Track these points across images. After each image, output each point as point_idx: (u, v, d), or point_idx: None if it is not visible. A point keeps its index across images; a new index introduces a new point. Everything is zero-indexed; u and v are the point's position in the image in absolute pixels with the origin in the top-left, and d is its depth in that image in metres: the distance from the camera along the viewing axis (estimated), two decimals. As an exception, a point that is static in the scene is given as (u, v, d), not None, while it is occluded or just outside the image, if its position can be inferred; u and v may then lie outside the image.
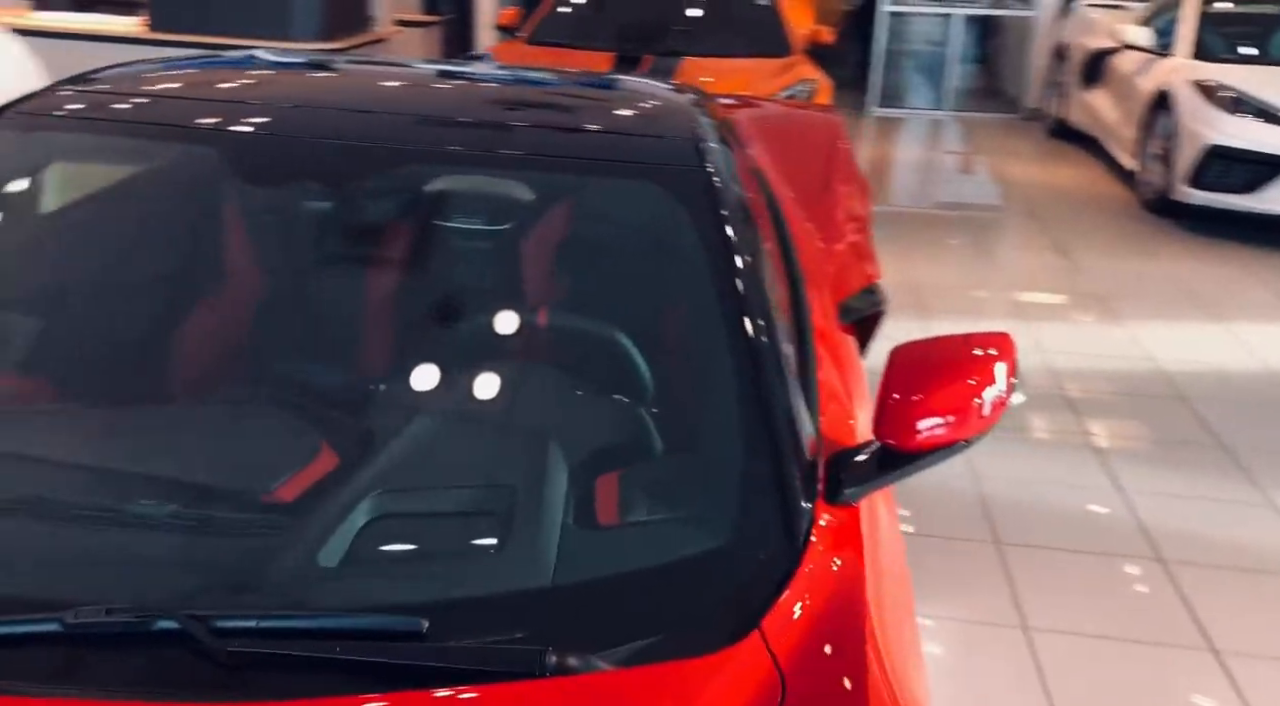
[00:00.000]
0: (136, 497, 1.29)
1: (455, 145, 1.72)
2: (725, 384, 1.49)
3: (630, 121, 1.93)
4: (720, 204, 1.68)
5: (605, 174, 1.73)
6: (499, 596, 1.20)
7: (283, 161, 1.66)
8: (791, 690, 1.09)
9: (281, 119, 1.71)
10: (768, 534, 1.31)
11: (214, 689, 1.02)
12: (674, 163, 1.75)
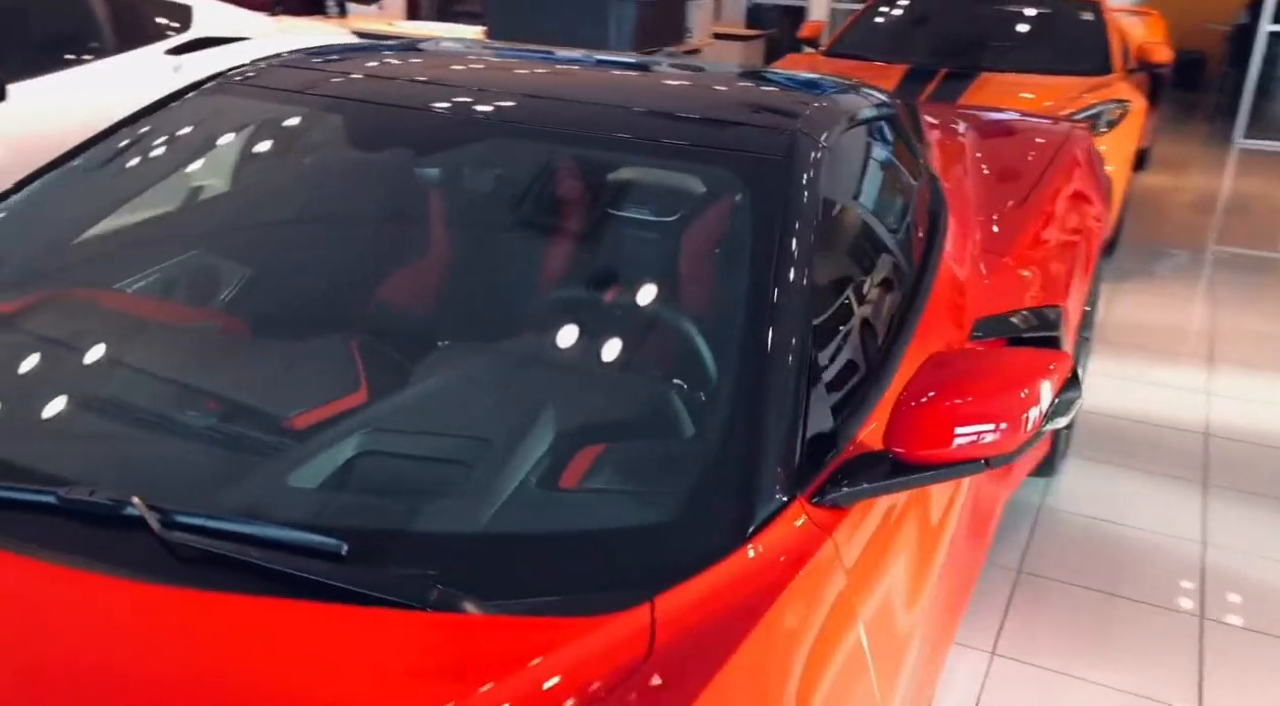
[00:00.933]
0: (187, 409, 1.51)
1: (546, 123, 1.82)
2: (725, 375, 1.49)
3: (736, 111, 1.94)
4: (787, 196, 1.67)
5: (684, 157, 1.76)
6: (430, 534, 1.28)
7: (388, 129, 1.86)
8: (652, 670, 1.10)
9: (409, 94, 1.90)
10: (710, 519, 1.30)
11: (154, 569, 1.18)
12: (754, 152, 1.76)
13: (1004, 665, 2.54)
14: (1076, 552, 3.03)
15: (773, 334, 1.49)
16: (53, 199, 1.87)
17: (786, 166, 1.73)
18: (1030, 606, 2.77)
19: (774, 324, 1.50)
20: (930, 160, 2.60)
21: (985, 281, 2.34)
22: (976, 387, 1.44)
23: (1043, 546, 3.05)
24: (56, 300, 1.72)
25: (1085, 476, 3.47)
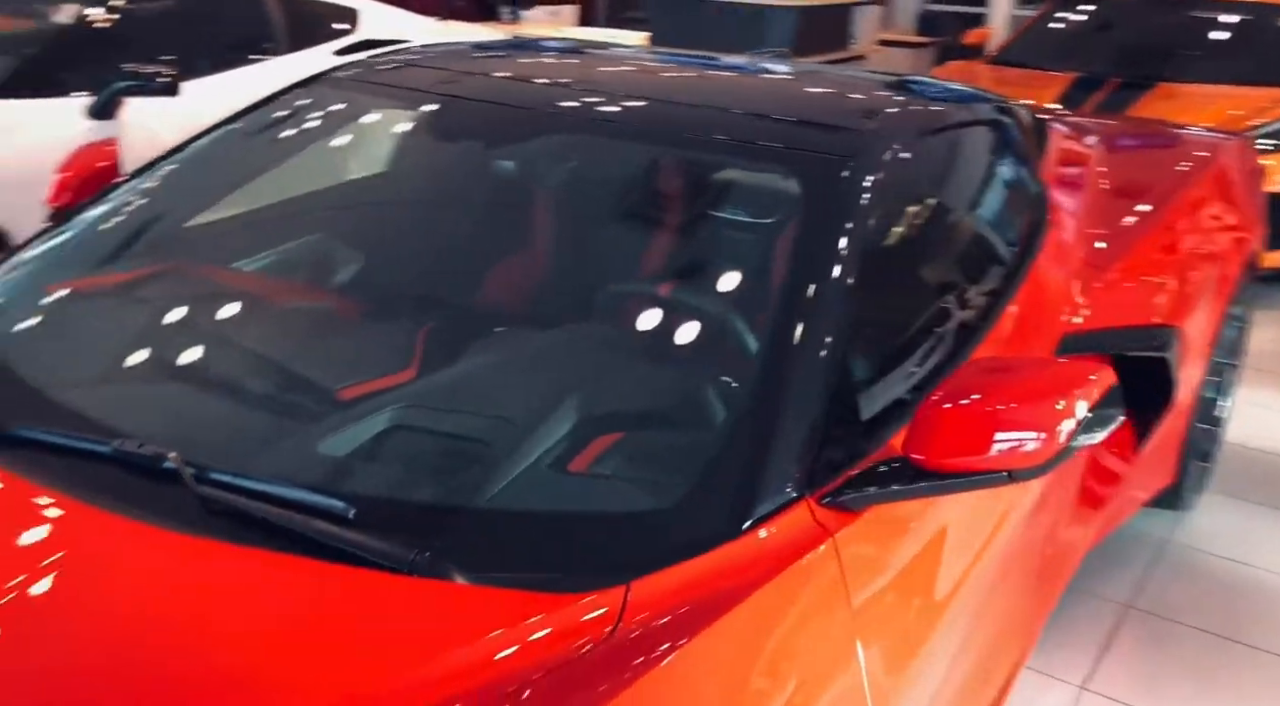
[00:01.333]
0: (249, 376, 1.62)
1: (621, 119, 1.86)
2: (752, 371, 1.49)
3: (815, 112, 1.92)
4: (845, 198, 1.66)
5: (750, 156, 1.77)
6: (435, 506, 1.34)
7: (470, 122, 1.95)
8: (611, 649, 1.11)
9: (493, 89, 1.98)
10: (709, 509, 1.31)
11: (184, 518, 1.28)
12: (821, 153, 1.74)
13: (1093, 701, 2.42)
14: (1197, 592, 2.85)
15: (801, 333, 1.48)
16: (175, 181, 2.03)
17: (850, 167, 1.72)
18: (1134, 644, 2.62)
19: (805, 323, 1.49)
20: (1043, 171, 2.51)
21: (1082, 297, 2.23)
22: (1005, 396, 1.39)
23: (1160, 583, 2.88)
24: (158, 273, 1.87)
25: (1223, 513, 3.24)
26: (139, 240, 1.95)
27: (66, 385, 1.53)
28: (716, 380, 1.54)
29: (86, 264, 1.86)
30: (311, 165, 2.08)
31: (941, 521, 1.57)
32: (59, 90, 3.82)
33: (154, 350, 1.67)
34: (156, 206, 1.97)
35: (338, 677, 1.08)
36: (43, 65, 3.89)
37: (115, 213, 1.94)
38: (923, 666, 1.46)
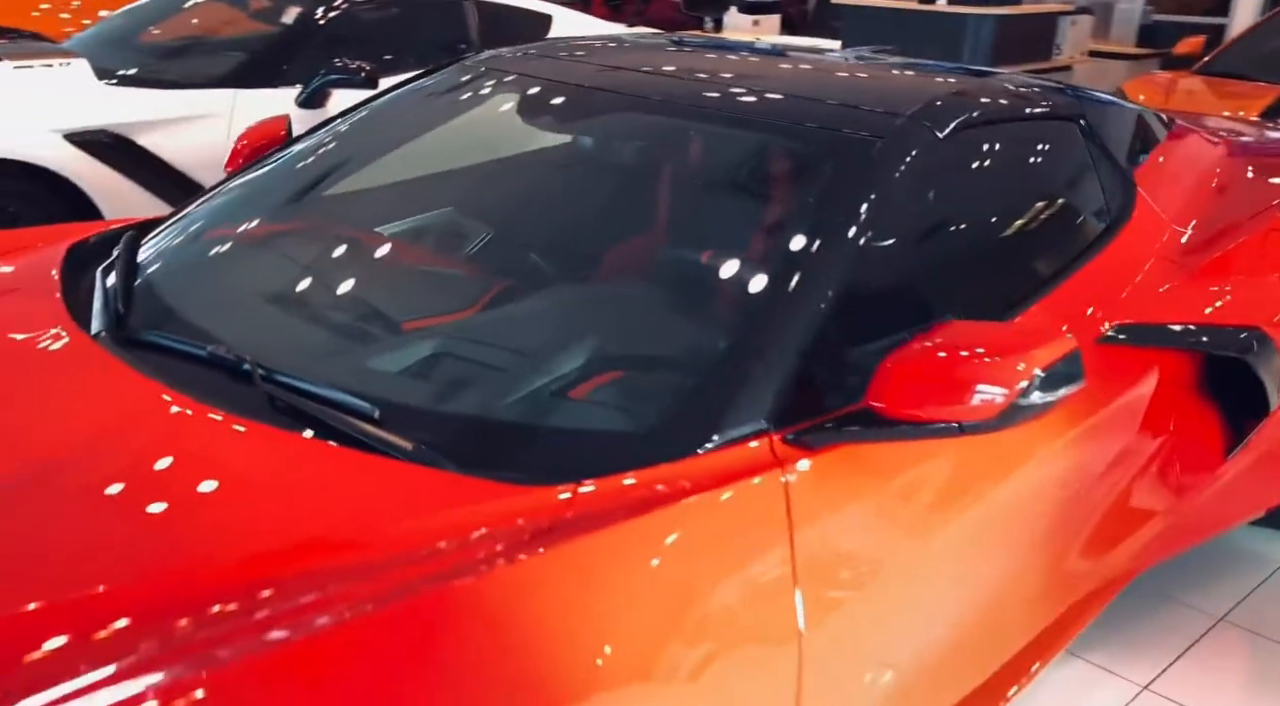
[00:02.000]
0: (337, 308, 1.91)
1: (690, 102, 2.06)
2: (747, 318, 1.65)
3: (866, 97, 2.06)
4: (861, 171, 1.80)
5: (793, 136, 1.95)
6: (445, 413, 1.58)
7: (560, 103, 2.22)
8: (546, 531, 1.31)
9: (585, 76, 2.22)
10: (673, 433, 1.49)
11: (251, 409, 1.57)
12: (861, 134, 1.89)
13: (1152, 700, 2.40)
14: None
15: (791, 289, 1.64)
16: (314, 153, 2.37)
17: (883, 148, 1.85)
18: (1213, 654, 2.57)
19: (797, 280, 1.65)
20: (1142, 169, 2.51)
21: (1159, 292, 2.24)
22: (962, 353, 1.50)
23: (1264, 601, 2.79)
24: (278, 224, 2.22)
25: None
26: (271, 199, 2.30)
27: (193, 306, 1.87)
28: (713, 325, 1.71)
29: (232, 217, 2.22)
30: (439, 136, 2.38)
31: (917, 483, 1.68)
32: (279, 81, 4.37)
33: (263, 284, 2.00)
34: (291, 174, 2.32)
35: (319, 529, 1.33)
36: (267, 59, 4.44)
37: (263, 179, 2.30)
38: (875, 624, 1.59)
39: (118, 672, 1.09)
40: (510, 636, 1.20)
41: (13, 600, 1.20)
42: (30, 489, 1.40)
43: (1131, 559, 2.41)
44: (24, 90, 3.90)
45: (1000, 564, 1.88)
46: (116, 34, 4.80)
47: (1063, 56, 7.59)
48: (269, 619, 1.17)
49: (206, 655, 1.12)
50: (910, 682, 1.74)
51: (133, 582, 1.23)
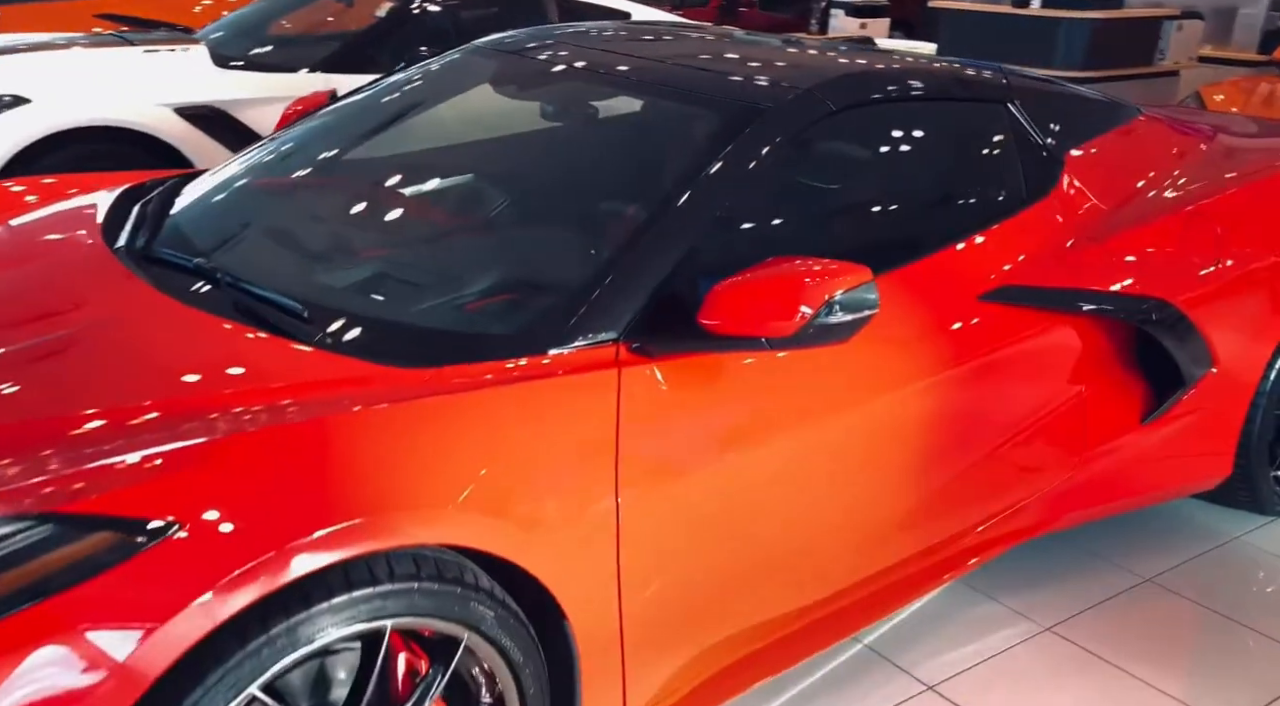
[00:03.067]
0: (316, 237, 2.30)
1: (627, 76, 2.39)
2: (608, 250, 1.96)
3: (759, 70, 2.37)
4: (735, 134, 2.10)
5: (698, 103, 2.26)
6: (350, 312, 1.90)
7: (541, 76, 2.61)
8: (416, 399, 1.66)
9: (562, 57, 2.58)
10: (531, 336, 1.81)
11: (217, 306, 1.96)
12: (749, 101, 2.19)
13: (1050, 640, 2.58)
14: (1231, 581, 2.86)
15: (657, 226, 1.95)
16: (337, 124, 2.79)
17: (770, 113, 2.14)
18: (1131, 610, 2.72)
19: (664, 221, 1.96)
20: (1075, 151, 2.70)
21: (1054, 259, 2.44)
22: (772, 281, 1.78)
23: (1200, 570, 2.91)
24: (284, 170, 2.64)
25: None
26: (279, 156, 2.71)
27: (201, 231, 2.30)
28: (586, 255, 2.03)
29: (247, 168, 2.64)
30: (426, 103, 2.78)
31: (751, 402, 1.95)
32: (369, 67, 4.85)
33: (254, 218, 2.42)
34: (300, 137, 2.74)
35: (240, 379, 1.71)
36: (359, 47, 4.95)
37: (278, 141, 2.73)
38: (691, 521, 1.87)
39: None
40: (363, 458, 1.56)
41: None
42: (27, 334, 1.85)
43: (1038, 511, 2.59)
44: (146, 70, 4.51)
45: (840, 488, 2.13)
46: (236, 25, 5.41)
47: (1166, 61, 7.49)
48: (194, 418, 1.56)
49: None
50: (730, 581, 2.01)
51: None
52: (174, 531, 1.39)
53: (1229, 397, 2.79)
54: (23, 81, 4.21)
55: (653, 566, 1.84)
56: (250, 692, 1.44)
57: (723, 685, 2.07)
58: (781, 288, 1.79)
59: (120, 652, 1.32)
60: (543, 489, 1.70)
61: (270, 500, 1.46)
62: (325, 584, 1.48)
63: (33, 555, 1.35)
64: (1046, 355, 2.46)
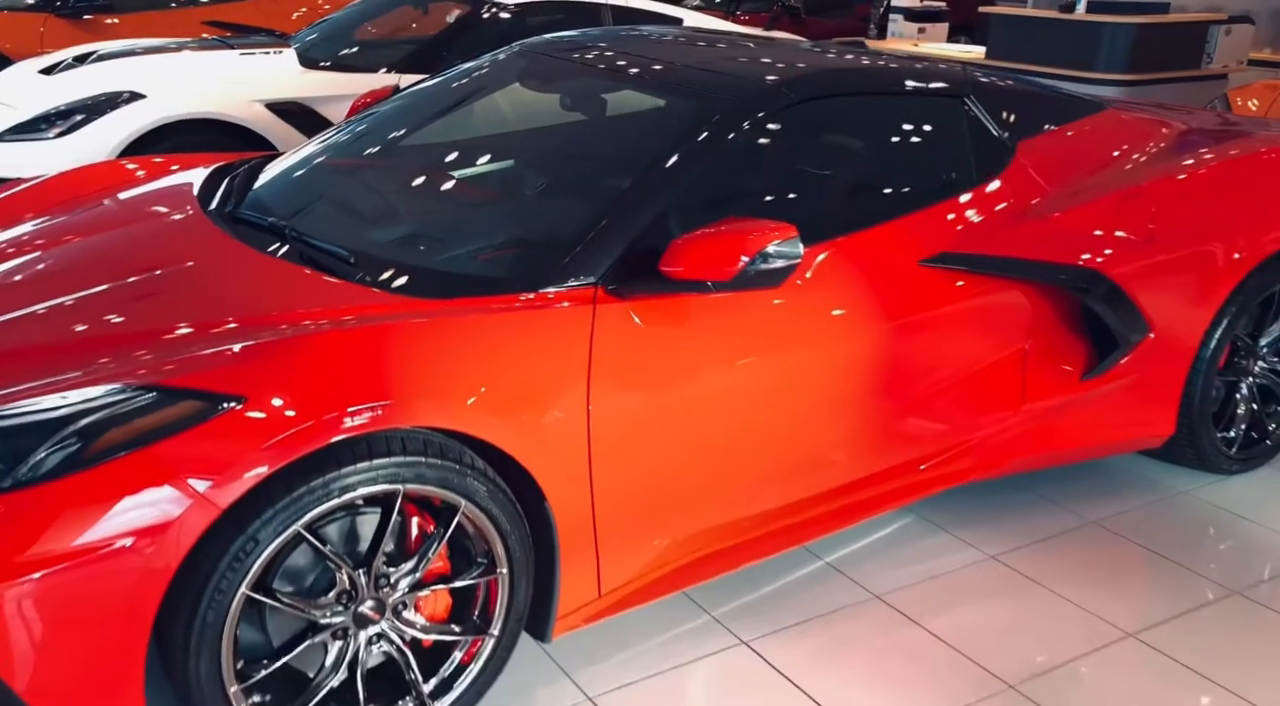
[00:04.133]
0: (374, 202, 2.81)
1: (631, 73, 2.88)
2: (592, 212, 2.42)
3: (738, 67, 2.83)
4: (717, 109, 2.56)
5: (680, 96, 2.72)
6: (388, 259, 2.41)
7: (560, 73, 3.12)
8: (415, 321, 2.14)
9: (578, 58, 3.06)
10: (519, 279, 2.28)
11: (289, 255, 2.48)
12: (740, 95, 2.64)
13: (994, 567, 2.96)
14: (1170, 525, 3.19)
15: (633, 194, 2.39)
16: (392, 113, 3.30)
17: (738, 103, 2.59)
18: (1074, 546, 3.07)
19: (639, 190, 2.40)
20: (1029, 140, 3.07)
21: (996, 232, 2.82)
22: (719, 236, 2.23)
23: (1145, 515, 3.25)
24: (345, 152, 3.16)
25: (1268, 483, 3.46)
26: (346, 139, 3.23)
27: (275, 198, 2.83)
28: (575, 216, 2.48)
29: (320, 149, 3.16)
30: (470, 96, 3.28)
31: (715, 338, 2.38)
32: (439, 68, 5.38)
33: (322, 187, 2.94)
34: (362, 124, 3.25)
35: (297, 304, 2.21)
36: (429, 50, 5.48)
37: (346, 128, 3.25)
38: (655, 432, 2.31)
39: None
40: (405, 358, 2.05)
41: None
42: (140, 271, 2.39)
43: (981, 454, 2.96)
44: (241, 71, 5.12)
45: (784, 412, 2.54)
46: (325, 30, 6.00)
47: (1214, 65, 7.65)
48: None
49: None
50: (688, 485, 2.44)
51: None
52: (241, 404, 1.89)
53: (1168, 362, 3.12)
54: (140, 80, 4.85)
55: (618, 463, 2.29)
56: (295, 529, 1.93)
57: (687, 574, 2.51)
58: (727, 241, 2.23)
59: (200, 487, 1.82)
60: (530, 393, 2.16)
61: (317, 385, 1.95)
62: (354, 451, 1.96)
63: (141, 414, 1.86)
64: (988, 314, 2.85)
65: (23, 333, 2.22)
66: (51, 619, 1.76)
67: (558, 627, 2.33)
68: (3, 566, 1.74)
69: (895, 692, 2.45)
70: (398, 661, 2.15)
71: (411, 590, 2.13)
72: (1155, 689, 2.51)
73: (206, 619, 1.88)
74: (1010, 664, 2.57)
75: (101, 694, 1.83)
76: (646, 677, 2.47)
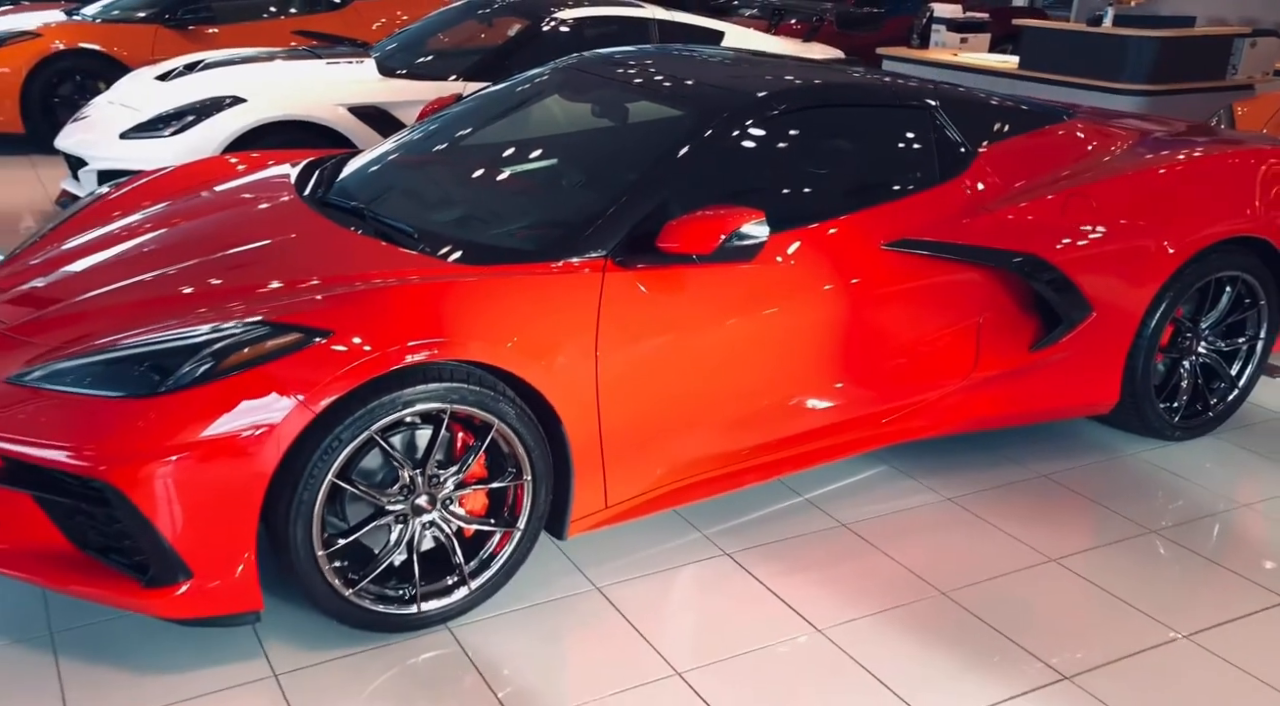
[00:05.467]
0: (438, 190, 3.45)
1: (645, 85, 3.48)
2: (607, 197, 3.02)
3: (736, 82, 3.39)
4: (713, 117, 3.15)
5: (684, 105, 3.31)
6: (446, 235, 3.03)
7: (592, 86, 3.73)
8: (453, 280, 2.75)
9: (607, 72, 3.67)
10: (541, 252, 2.88)
11: (365, 230, 3.12)
12: (730, 104, 3.23)
13: (949, 507, 3.49)
14: (1109, 479, 3.70)
15: (639, 185, 2.99)
16: (453, 118, 3.93)
17: (729, 114, 3.18)
18: (1024, 494, 3.59)
19: (644, 180, 3.00)
20: (991, 145, 3.60)
21: (952, 222, 3.36)
22: (704, 219, 2.81)
23: (1092, 471, 3.75)
24: (415, 149, 3.80)
25: (1208, 450, 3.96)
26: (417, 137, 3.87)
27: (357, 186, 3.47)
28: (594, 202, 3.07)
29: (396, 147, 3.81)
30: (519, 103, 3.91)
31: (704, 303, 2.96)
32: (501, 77, 6.03)
33: (397, 178, 3.58)
34: (433, 125, 3.89)
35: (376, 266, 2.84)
36: (492, 60, 6.13)
37: (419, 128, 3.89)
38: (652, 377, 2.90)
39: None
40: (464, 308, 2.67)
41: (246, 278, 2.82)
42: (249, 241, 3.05)
43: (938, 413, 3.49)
44: (327, 76, 5.82)
45: (762, 365, 3.11)
46: (402, 40, 6.68)
47: (1239, 76, 7.99)
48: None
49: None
50: (677, 421, 3.01)
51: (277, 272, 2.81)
52: (329, 337, 2.51)
53: (1109, 339, 3.62)
54: (241, 86, 5.58)
55: (620, 399, 2.88)
56: (369, 434, 2.55)
57: (677, 496, 3.10)
58: (709, 223, 2.81)
59: (299, 397, 2.45)
60: (552, 340, 2.76)
61: (386, 325, 2.57)
62: (414, 375, 2.58)
63: (258, 341, 2.50)
64: (946, 291, 3.38)
65: (166, 286, 2.88)
66: (190, 488, 2.40)
67: (572, 529, 2.92)
68: (157, 449, 2.39)
69: (847, 595, 3.00)
70: (445, 546, 2.77)
71: (456, 489, 2.74)
72: (1066, 602, 3.03)
73: (303, 497, 2.51)
74: (946, 577, 3.11)
75: (224, 546, 2.47)
76: (644, 575, 3.06)
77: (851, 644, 2.80)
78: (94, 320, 2.77)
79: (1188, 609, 3.00)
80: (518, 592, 2.93)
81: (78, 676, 2.58)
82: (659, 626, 2.85)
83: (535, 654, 2.73)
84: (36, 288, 3.04)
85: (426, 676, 2.63)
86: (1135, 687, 2.68)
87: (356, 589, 2.65)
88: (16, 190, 7.05)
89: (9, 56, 7.56)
